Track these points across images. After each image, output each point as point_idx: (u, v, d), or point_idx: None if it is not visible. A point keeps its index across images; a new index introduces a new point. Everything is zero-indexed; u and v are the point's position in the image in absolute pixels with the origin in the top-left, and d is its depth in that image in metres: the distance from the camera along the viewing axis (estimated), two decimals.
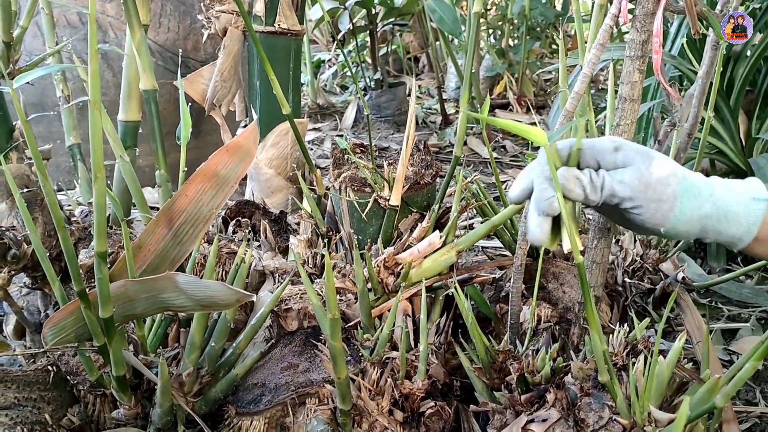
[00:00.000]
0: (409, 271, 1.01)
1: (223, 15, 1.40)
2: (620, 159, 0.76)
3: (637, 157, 0.75)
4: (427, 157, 1.18)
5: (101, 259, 0.74)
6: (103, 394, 0.94)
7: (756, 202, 0.74)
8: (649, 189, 0.74)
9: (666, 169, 0.74)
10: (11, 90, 0.68)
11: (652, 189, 0.74)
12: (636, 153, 0.75)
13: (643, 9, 0.86)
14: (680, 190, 0.74)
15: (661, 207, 0.74)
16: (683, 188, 0.74)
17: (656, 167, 0.74)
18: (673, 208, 0.72)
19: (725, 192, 0.75)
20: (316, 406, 0.88)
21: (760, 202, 0.74)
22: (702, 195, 0.75)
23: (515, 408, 0.85)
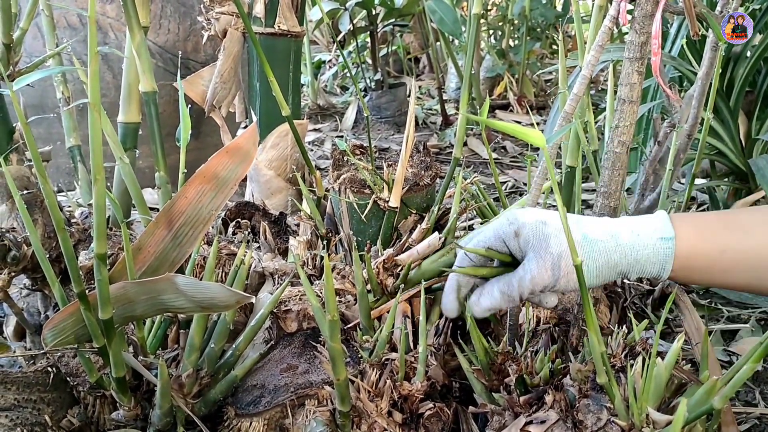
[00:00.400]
0: (408, 273, 1.01)
1: (223, 16, 1.41)
2: (522, 244, 0.79)
3: (533, 240, 0.78)
4: (426, 158, 1.18)
5: (101, 260, 0.74)
6: (103, 396, 0.94)
7: (663, 242, 0.77)
8: (555, 269, 0.77)
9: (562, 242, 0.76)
10: (11, 92, 0.69)
11: (558, 268, 0.77)
12: (532, 236, 0.78)
13: (642, 11, 0.86)
14: (583, 255, 0.76)
15: (571, 276, 0.77)
16: (585, 251, 0.77)
17: (553, 245, 0.77)
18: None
19: (632, 238, 0.77)
20: (316, 407, 0.88)
21: (667, 241, 0.77)
22: (607, 248, 0.77)
23: (514, 409, 0.85)
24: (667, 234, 0.76)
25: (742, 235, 0.77)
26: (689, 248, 0.77)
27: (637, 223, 0.79)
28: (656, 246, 0.77)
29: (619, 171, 0.95)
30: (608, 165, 0.95)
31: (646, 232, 0.77)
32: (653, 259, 0.77)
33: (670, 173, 1.26)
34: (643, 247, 0.77)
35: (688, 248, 0.77)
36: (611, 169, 0.95)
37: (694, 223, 0.78)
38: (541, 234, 0.77)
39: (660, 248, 0.77)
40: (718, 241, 0.77)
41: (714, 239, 0.77)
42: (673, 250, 0.76)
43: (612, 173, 0.95)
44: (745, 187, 1.72)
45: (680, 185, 2.10)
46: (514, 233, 0.79)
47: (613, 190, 0.97)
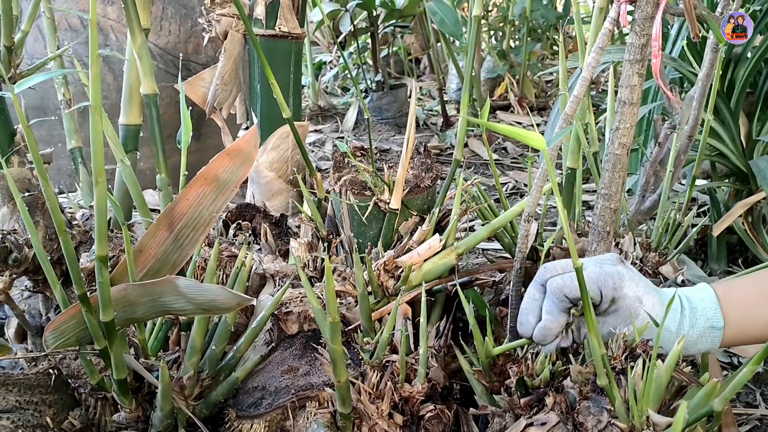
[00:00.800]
0: (409, 275, 1.02)
1: (224, 18, 1.41)
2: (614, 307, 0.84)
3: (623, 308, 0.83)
4: (427, 160, 1.18)
5: (102, 263, 0.75)
6: (104, 398, 0.94)
7: (713, 330, 0.83)
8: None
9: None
10: (13, 95, 0.69)
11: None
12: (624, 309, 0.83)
13: (642, 13, 0.86)
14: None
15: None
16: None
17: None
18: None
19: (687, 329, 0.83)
20: (316, 409, 0.88)
21: (716, 330, 0.83)
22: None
23: (514, 411, 0.85)
24: (717, 324, 0.81)
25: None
26: (735, 332, 0.82)
27: (690, 306, 0.83)
28: (706, 335, 0.82)
29: (619, 173, 0.95)
30: (609, 167, 0.95)
31: (699, 322, 0.82)
32: (700, 345, 0.83)
33: (670, 174, 1.26)
34: (696, 337, 0.82)
35: (735, 332, 0.82)
36: (612, 171, 0.95)
37: (740, 304, 0.83)
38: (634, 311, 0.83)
39: (709, 336, 0.82)
40: (763, 319, 0.82)
41: (759, 318, 0.82)
42: (721, 338, 0.82)
43: (612, 175, 0.95)
44: (745, 188, 1.72)
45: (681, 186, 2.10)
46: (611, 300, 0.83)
47: (613, 192, 0.97)
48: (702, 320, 0.82)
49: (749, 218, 1.69)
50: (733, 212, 1.60)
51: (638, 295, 0.82)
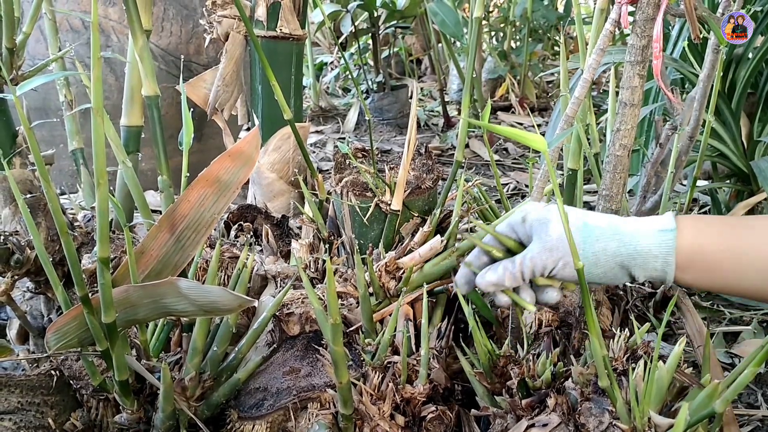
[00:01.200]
0: (410, 276, 1.02)
1: (225, 20, 1.41)
2: (527, 229, 0.81)
3: (536, 224, 0.80)
4: (428, 161, 1.18)
5: (104, 264, 0.75)
6: (106, 399, 0.94)
7: (663, 233, 0.76)
8: (554, 251, 0.77)
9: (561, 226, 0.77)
10: (15, 98, 0.69)
11: (556, 249, 0.77)
12: (536, 221, 0.80)
13: (643, 14, 0.86)
14: (581, 239, 0.77)
15: (569, 261, 0.77)
16: (583, 235, 0.77)
17: (553, 229, 0.78)
18: (578, 256, 0.72)
19: (631, 228, 0.77)
20: (318, 410, 0.88)
21: (667, 233, 0.76)
22: (605, 235, 0.77)
23: (516, 413, 0.85)
24: (667, 226, 0.75)
25: (749, 232, 0.76)
26: (692, 244, 0.75)
27: (639, 219, 0.79)
28: (656, 237, 0.75)
29: (620, 174, 0.95)
30: (610, 168, 0.96)
31: (646, 225, 0.77)
32: (654, 251, 0.75)
33: (671, 175, 1.26)
34: (642, 236, 0.76)
35: (691, 244, 0.75)
36: (613, 172, 0.95)
37: (697, 221, 0.78)
38: (544, 219, 0.79)
39: (660, 240, 0.75)
40: (723, 239, 0.76)
41: (719, 238, 0.76)
42: (674, 242, 0.74)
43: (614, 176, 0.96)
44: (747, 189, 1.72)
45: (682, 187, 2.10)
46: (522, 219, 0.81)
47: (614, 193, 0.97)
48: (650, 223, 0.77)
49: None
50: (734, 213, 1.60)
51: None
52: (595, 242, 0.76)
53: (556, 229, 0.77)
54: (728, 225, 0.78)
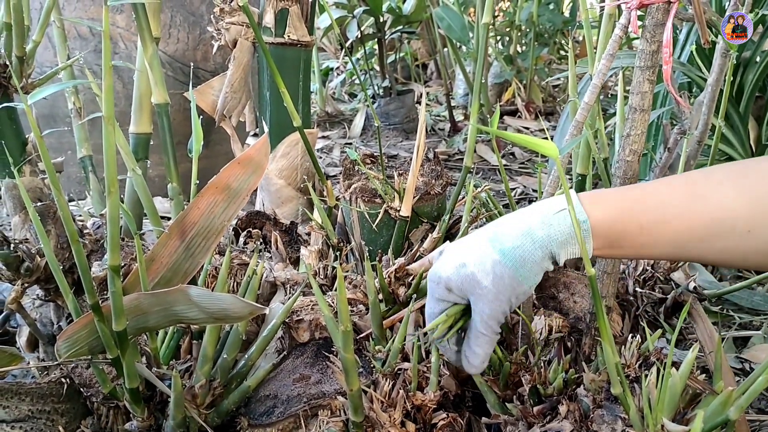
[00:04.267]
0: (420, 282, 1.01)
1: (233, 27, 1.41)
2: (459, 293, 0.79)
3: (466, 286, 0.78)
4: (437, 167, 1.18)
5: (115, 272, 0.75)
6: (117, 406, 0.94)
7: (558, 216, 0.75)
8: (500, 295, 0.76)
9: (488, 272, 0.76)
10: (26, 106, 0.69)
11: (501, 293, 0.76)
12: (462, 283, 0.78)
13: (653, 20, 0.86)
14: (507, 270, 0.75)
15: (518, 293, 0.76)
16: (509, 266, 0.75)
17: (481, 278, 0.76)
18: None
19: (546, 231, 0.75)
20: (329, 417, 0.88)
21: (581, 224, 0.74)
22: (526, 251, 0.75)
23: (527, 420, 0.85)
24: (581, 217, 0.74)
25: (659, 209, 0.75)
26: (607, 228, 0.75)
27: (547, 211, 0.76)
28: (572, 233, 0.75)
29: (630, 179, 0.95)
30: (620, 173, 0.95)
31: (558, 222, 0.75)
32: (572, 242, 0.75)
33: None
34: (558, 235, 0.75)
35: (606, 228, 0.75)
36: (623, 178, 0.95)
37: (607, 201, 0.76)
38: (467, 277, 0.76)
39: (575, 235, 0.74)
40: (634, 218, 0.75)
41: (630, 217, 0.75)
42: (589, 231, 0.74)
43: (623, 182, 0.95)
44: None
45: None
46: (446, 290, 0.79)
47: None
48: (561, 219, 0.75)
49: None
50: None
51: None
52: (521, 265, 0.75)
53: (482, 277, 0.76)
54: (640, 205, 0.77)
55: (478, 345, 0.79)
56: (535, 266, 0.75)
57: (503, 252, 0.75)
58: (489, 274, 0.75)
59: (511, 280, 0.75)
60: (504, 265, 0.75)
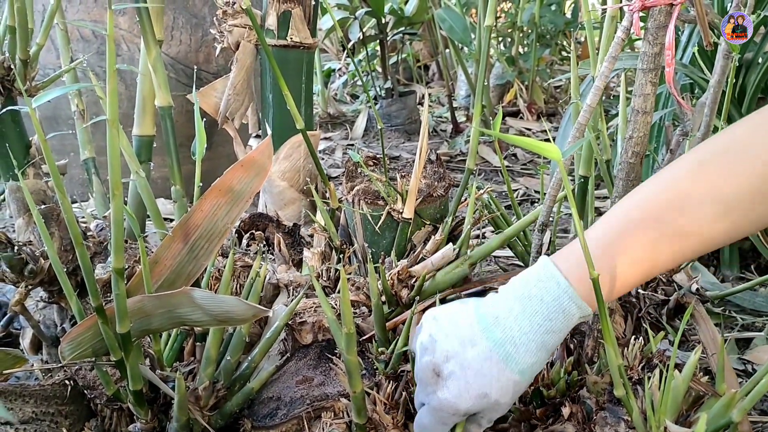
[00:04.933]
0: (423, 284, 1.02)
1: (236, 29, 1.41)
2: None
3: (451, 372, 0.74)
4: (439, 169, 1.19)
5: (118, 275, 0.75)
6: (120, 408, 0.94)
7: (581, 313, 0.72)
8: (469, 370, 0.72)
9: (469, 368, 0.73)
10: (30, 109, 0.69)
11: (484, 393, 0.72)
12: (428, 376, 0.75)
13: (656, 22, 0.86)
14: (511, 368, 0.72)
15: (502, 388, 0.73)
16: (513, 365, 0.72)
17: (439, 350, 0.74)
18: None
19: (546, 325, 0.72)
20: (332, 420, 0.88)
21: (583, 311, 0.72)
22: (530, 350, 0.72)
23: (530, 422, 0.85)
24: (586, 313, 0.72)
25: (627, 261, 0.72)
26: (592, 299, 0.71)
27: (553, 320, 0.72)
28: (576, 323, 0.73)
29: (633, 181, 0.95)
30: (622, 175, 0.95)
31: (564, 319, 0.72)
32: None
33: None
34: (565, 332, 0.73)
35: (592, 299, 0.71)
36: (625, 180, 0.95)
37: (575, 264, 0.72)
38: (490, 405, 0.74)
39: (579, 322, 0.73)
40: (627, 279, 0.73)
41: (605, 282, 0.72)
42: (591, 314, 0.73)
43: (626, 183, 0.95)
44: None
45: None
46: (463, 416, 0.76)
47: None
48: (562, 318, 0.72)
49: None
50: None
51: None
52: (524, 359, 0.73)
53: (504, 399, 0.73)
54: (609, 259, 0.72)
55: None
56: (537, 358, 0.73)
57: (522, 372, 0.72)
58: (510, 395, 0.73)
59: (524, 388, 0.74)
60: (523, 382, 0.73)
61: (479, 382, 0.72)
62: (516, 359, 0.71)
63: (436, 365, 0.74)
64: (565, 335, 0.73)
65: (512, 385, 0.72)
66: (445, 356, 0.74)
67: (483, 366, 0.72)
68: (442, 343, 0.75)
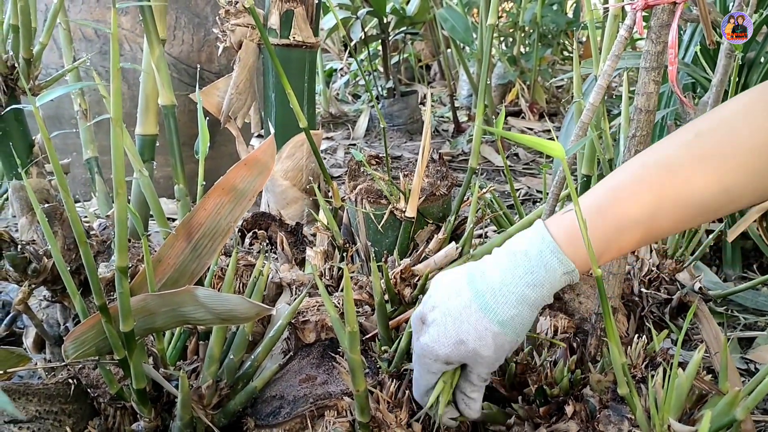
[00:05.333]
0: (425, 283, 1.02)
1: (239, 28, 1.42)
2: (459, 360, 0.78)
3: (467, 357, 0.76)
4: (442, 168, 1.19)
5: (122, 274, 0.75)
6: (124, 407, 0.94)
7: (568, 276, 0.74)
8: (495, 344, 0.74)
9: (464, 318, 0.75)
10: (34, 108, 0.69)
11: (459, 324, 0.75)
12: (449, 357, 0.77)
13: (658, 20, 0.86)
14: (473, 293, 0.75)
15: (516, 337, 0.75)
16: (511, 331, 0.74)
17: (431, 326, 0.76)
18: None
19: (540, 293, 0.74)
20: (335, 418, 0.88)
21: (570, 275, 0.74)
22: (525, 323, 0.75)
23: (534, 420, 0.85)
24: (569, 269, 0.73)
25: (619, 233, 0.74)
26: (587, 265, 0.74)
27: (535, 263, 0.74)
28: (562, 281, 0.74)
29: None
30: None
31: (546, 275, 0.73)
32: (561, 285, 0.75)
33: None
34: (549, 290, 0.74)
35: (586, 265, 0.74)
36: None
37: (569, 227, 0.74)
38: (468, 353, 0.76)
39: (565, 281, 0.74)
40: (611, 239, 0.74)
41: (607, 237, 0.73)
42: (577, 275, 0.74)
43: None
44: None
45: None
46: (445, 364, 0.78)
47: None
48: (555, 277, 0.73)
49: (764, 223, 1.68)
50: (747, 217, 1.59)
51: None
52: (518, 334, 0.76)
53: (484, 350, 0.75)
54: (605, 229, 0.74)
55: (474, 393, 0.80)
56: (529, 323, 0.76)
57: (502, 323, 0.74)
58: (491, 346, 0.75)
59: (511, 344, 0.76)
60: (505, 335, 0.74)
61: (457, 328, 0.75)
62: (494, 309, 0.74)
63: (423, 314, 0.78)
64: (549, 292, 0.74)
65: (491, 336, 0.74)
66: (432, 306, 0.78)
67: (462, 313, 0.75)
68: (432, 296, 0.79)
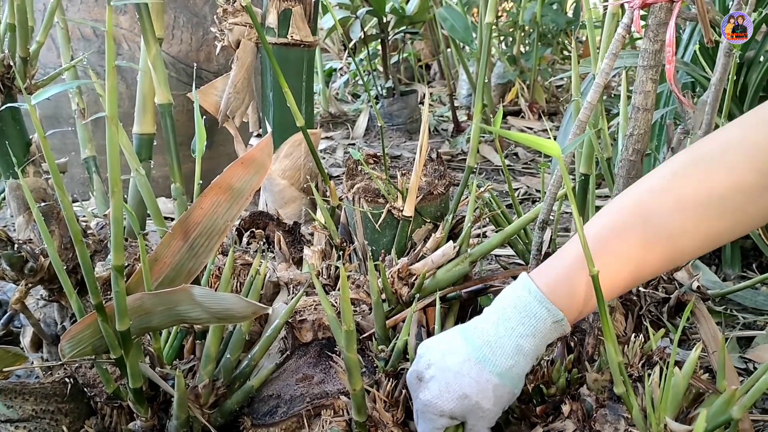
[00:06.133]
0: (423, 282, 1.02)
1: (237, 27, 1.41)
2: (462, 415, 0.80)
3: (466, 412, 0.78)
4: (440, 167, 1.18)
5: (118, 272, 0.75)
6: (120, 406, 0.94)
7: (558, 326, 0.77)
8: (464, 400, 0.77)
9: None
10: (30, 107, 0.69)
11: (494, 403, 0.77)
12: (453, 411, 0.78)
13: (656, 19, 0.86)
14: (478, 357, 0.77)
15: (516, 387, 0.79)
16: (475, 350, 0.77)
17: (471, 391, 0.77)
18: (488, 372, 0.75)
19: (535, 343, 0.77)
20: (332, 417, 0.88)
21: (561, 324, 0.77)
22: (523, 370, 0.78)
23: (530, 419, 0.85)
24: (557, 317, 0.76)
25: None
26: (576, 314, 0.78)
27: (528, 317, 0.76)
28: (552, 330, 0.77)
29: (633, 179, 0.95)
30: (623, 173, 0.95)
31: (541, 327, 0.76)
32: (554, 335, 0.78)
33: None
34: (543, 341, 0.78)
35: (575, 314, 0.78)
36: (626, 177, 0.95)
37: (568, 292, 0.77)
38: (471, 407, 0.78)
39: (556, 331, 0.78)
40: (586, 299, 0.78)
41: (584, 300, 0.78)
42: (567, 324, 0.77)
43: (627, 181, 0.95)
44: None
45: None
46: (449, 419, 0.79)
47: None
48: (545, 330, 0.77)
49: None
50: None
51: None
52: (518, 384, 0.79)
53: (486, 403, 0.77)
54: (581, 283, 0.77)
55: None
56: (525, 373, 0.79)
57: (501, 374, 0.76)
58: (491, 398, 0.77)
59: (509, 396, 0.78)
60: (504, 386, 0.77)
61: (459, 382, 0.76)
62: (493, 361, 0.76)
63: (419, 372, 0.80)
64: (542, 342, 0.77)
65: (492, 387, 0.76)
66: (427, 364, 0.80)
67: (462, 368, 0.77)
68: (426, 355, 0.81)
